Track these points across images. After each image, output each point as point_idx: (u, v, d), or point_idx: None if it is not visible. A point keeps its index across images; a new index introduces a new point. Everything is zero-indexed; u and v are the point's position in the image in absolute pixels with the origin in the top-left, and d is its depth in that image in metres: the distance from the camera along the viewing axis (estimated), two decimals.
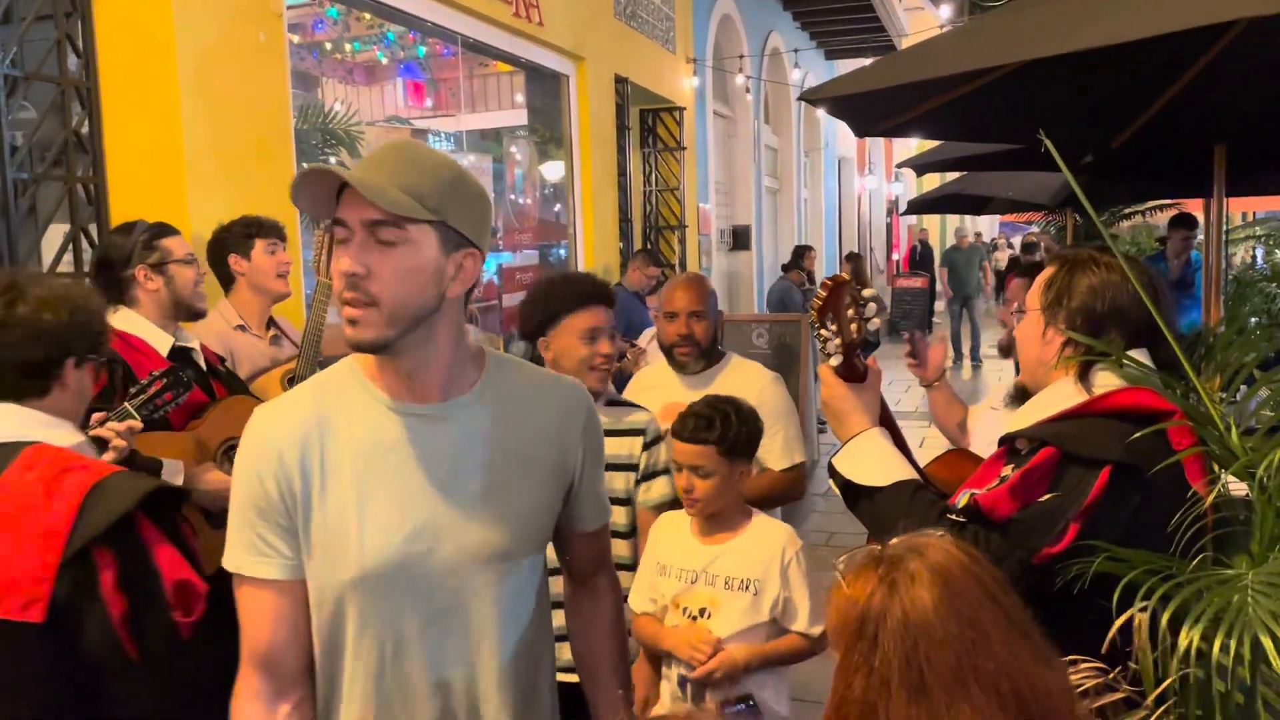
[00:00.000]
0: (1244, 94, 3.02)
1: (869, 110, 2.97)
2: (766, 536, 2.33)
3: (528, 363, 1.67)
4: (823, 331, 1.64)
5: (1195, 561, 1.23)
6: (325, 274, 3.26)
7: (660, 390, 2.91)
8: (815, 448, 8.45)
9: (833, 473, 1.73)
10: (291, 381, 3.15)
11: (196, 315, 2.79)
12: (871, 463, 1.68)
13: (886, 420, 1.77)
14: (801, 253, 10.20)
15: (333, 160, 4.59)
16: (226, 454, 2.72)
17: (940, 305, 15.68)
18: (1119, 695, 1.05)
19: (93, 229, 3.44)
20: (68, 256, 3.39)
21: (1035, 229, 13.83)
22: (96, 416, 2.27)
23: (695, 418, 2.31)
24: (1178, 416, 1.50)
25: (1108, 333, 1.65)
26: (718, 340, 2.99)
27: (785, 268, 10.04)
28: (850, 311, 1.61)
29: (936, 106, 2.93)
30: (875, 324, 1.60)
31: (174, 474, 2.45)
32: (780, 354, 8.19)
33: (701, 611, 2.27)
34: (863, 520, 1.72)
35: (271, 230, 3.25)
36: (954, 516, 1.54)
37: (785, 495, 2.92)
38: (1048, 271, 1.75)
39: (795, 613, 2.27)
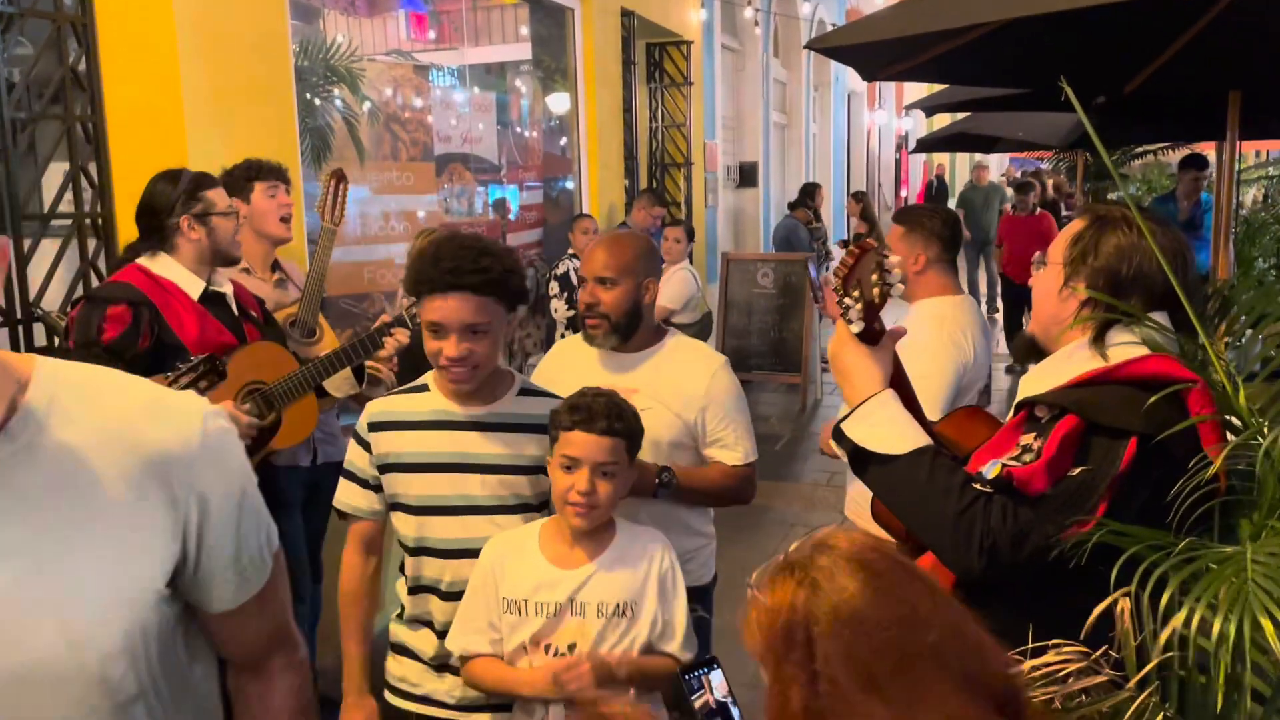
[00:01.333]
0: (1258, 41, 2.96)
1: (876, 55, 2.92)
2: (637, 547, 2.00)
3: (134, 382, 1.15)
4: (847, 300, 1.57)
5: (1185, 542, 1.22)
6: (330, 219, 3.27)
7: (575, 372, 2.41)
8: (819, 386, 8.48)
9: (840, 438, 1.64)
10: (293, 325, 3.16)
11: (233, 262, 2.86)
12: (885, 428, 1.59)
13: (900, 380, 1.69)
14: (810, 191, 10.12)
15: (335, 98, 4.53)
16: (247, 396, 2.76)
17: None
18: (1101, 678, 1.05)
19: (92, 168, 3.41)
20: (68, 196, 3.37)
21: (1046, 165, 13.66)
22: None
23: (601, 403, 1.94)
24: (1199, 386, 1.47)
25: (1129, 297, 1.61)
26: (645, 315, 2.46)
27: (792, 206, 9.97)
28: (875, 277, 1.55)
29: (945, 51, 2.88)
30: (900, 288, 1.55)
31: None
32: (785, 293, 8.17)
33: (570, 648, 1.94)
34: (873, 488, 1.65)
35: (271, 173, 3.25)
36: (980, 486, 1.50)
37: (736, 495, 2.50)
38: (1076, 225, 1.70)
39: (672, 633, 1.97)
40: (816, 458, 6.99)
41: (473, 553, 2.04)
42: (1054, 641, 1.07)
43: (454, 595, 2.08)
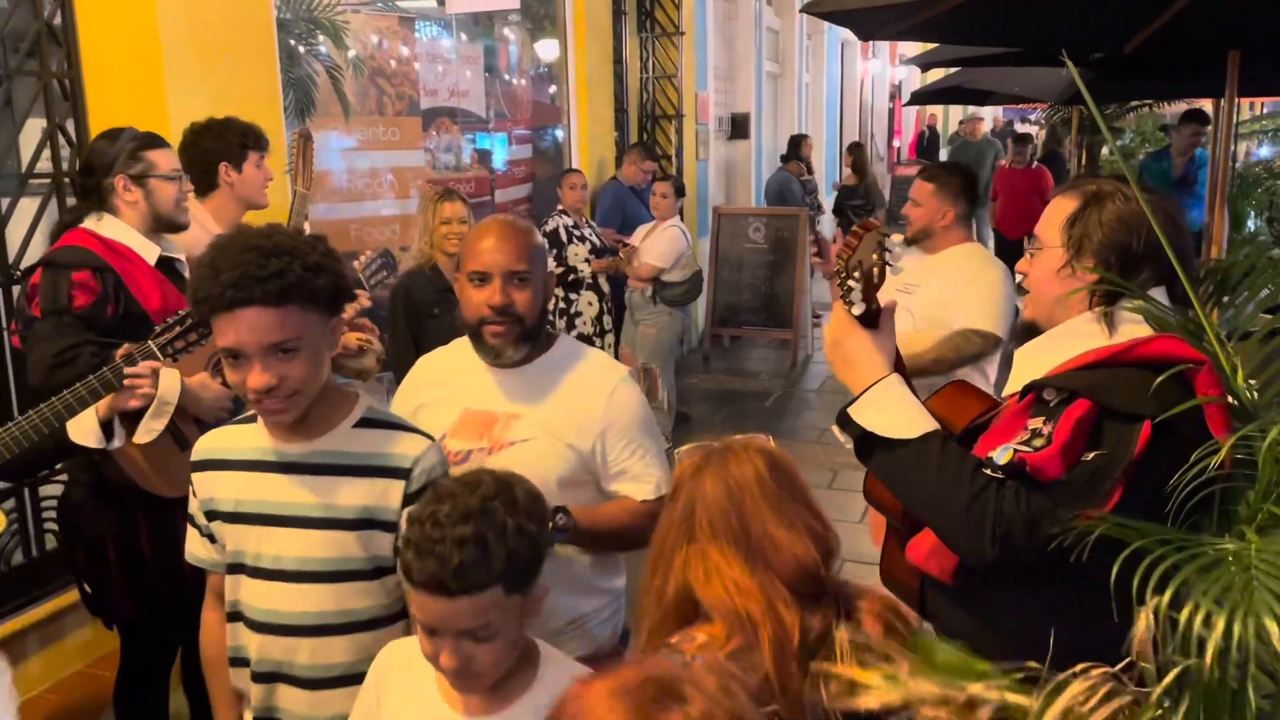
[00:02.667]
0: (1257, 1, 2.91)
1: (872, 15, 2.86)
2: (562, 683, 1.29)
3: None
4: (850, 282, 1.55)
5: (1188, 537, 1.20)
6: (301, 182, 3.18)
7: (454, 389, 2.05)
8: (810, 342, 8.46)
9: (846, 423, 1.61)
10: None
11: (178, 229, 2.71)
12: (892, 412, 1.57)
13: (898, 363, 1.67)
14: (798, 142, 10.00)
15: (319, 50, 4.43)
16: (216, 366, 2.71)
17: None
18: (1128, 698, 1.03)
19: (70, 125, 3.35)
20: (46, 154, 3.30)
21: (1040, 115, 13.48)
22: (120, 351, 2.24)
23: (454, 547, 1.38)
24: (1207, 367, 1.45)
25: (1140, 270, 1.58)
26: (548, 313, 2.11)
27: (784, 158, 9.87)
28: (875, 256, 1.53)
29: (944, 10, 2.82)
30: (901, 267, 1.54)
31: (172, 388, 2.45)
32: (777, 249, 8.13)
33: None
34: (879, 473, 1.63)
35: (257, 141, 3.13)
36: (990, 472, 1.47)
37: (644, 536, 1.68)
38: (1068, 205, 1.65)
39: None
40: (807, 414, 7.00)
41: (283, 629, 1.69)
42: (1082, 666, 1.05)
43: (263, 677, 1.73)
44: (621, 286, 6.17)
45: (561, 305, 5.90)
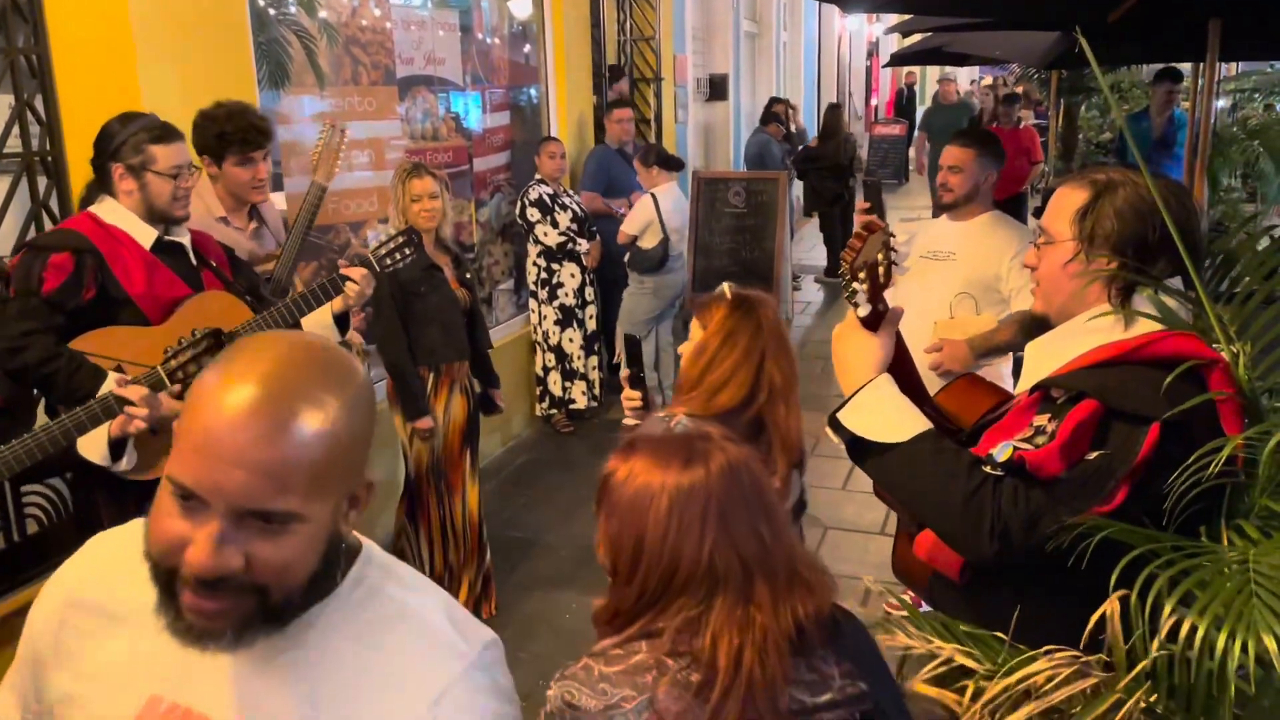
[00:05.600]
0: None
1: None
2: None
3: None
4: (855, 285, 1.52)
5: (1184, 543, 1.20)
6: (323, 174, 3.15)
7: (130, 638, 1.06)
8: (789, 306, 8.47)
9: (837, 427, 1.60)
10: (267, 282, 3.06)
11: (175, 222, 2.69)
12: (881, 415, 1.54)
13: (903, 362, 1.64)
14: (773, 104, 9.95)
15: (292, 19, 4.34)
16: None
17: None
18: (1091, 681, 1.05)
19: (39, 103, 3.26)
20: (15, 133, 3.22)
21: (1015, 69, 13.36)
22: (118, 378, 2.23)
23: None
24: (1221, 365, 1.42)
25: (1157, 261, 1.55)
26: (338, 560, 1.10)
27: (763, 120, 9.81)
28: (881, 256, 1.50)
29: None
30: (907, 266, 1.51)
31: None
32: (757, 213, 8.09)
33: None
34: (873, 477, 1.61)
35: (248, 144, 3.05)
36: (990, 470, 1.45)
37: None
38: (1077, 196, 1.60)
39: None
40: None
41: None
42: (1046, 648, 1.06)
43: None
44: (614, 260, 6.23)
45: (544, 276, 5.86)
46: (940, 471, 1.48)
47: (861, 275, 1.52)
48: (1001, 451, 1.46)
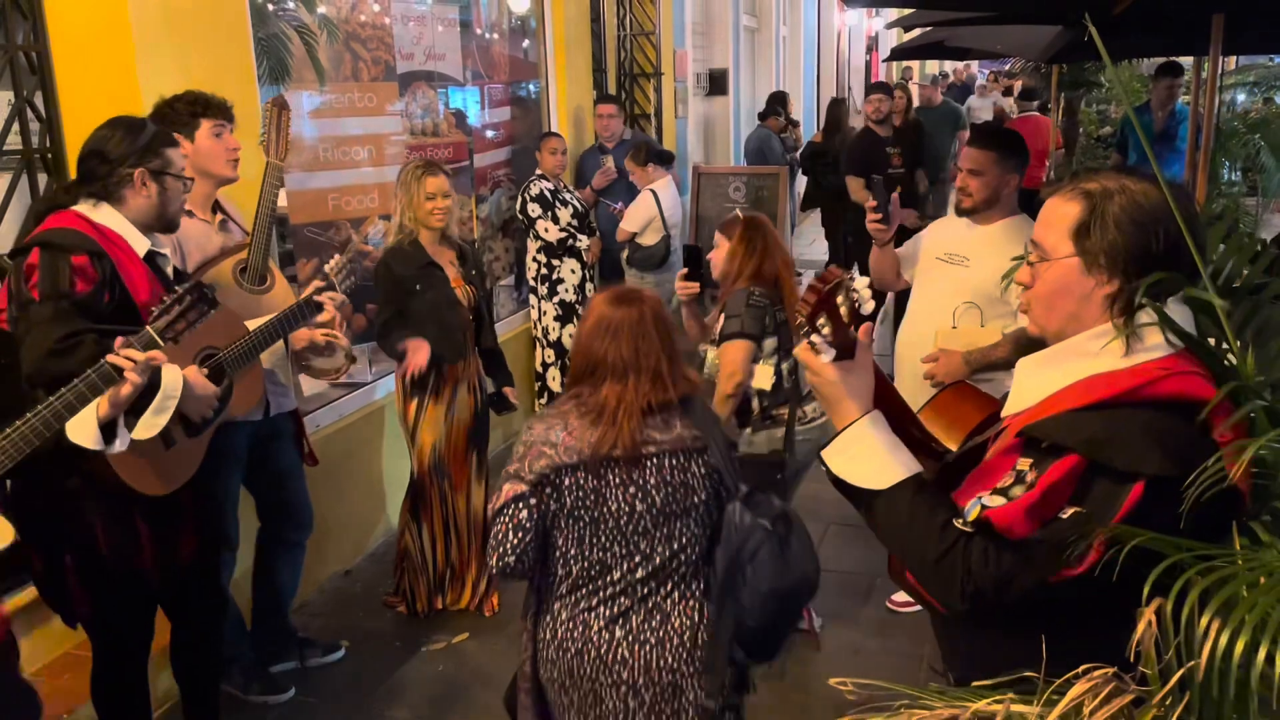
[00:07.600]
0: None
1: None
2: None
3: None
4: (814, 338, 1.45)
5: (1215, 550, 1.16)
6: (275, 154, 3.09)
7: None
8: None
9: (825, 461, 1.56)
10: (243, 272, 3.05)
11: (171, 229, 2.68)
12: (862, 462, 1.50)
13: (882, 388, 1.57)
14: (775, 99, 9.92)
15: (291, 15, 4.32)
16: (203, 363, 2.67)
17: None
18: (1129, 697, 1.02)
19: (39, 100, 3.25)
20: (15, 129, 3.21)
21: (1016, 62, 13.32)
22: (118, 341, 2.16)
23: None
24: (1225, 407, 1.33)
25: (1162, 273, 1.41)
26: None
27: (762, 115, 9.78)
28: (840, 299, 1.42)
29: None
30: (869, 307, 1.44)
31: (175, 383, 2.40)
32: (757, 208, 8.07)
33: None
34: (857, 509, 1.55)
35: (218, 110, 3.04)
36: (960, 525, 1.40)
37: None
38: (1069, 209, 1.47)
39: None
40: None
41: None
42: (1084, 667, 1.04)
43: None
44: (613, 256, 6.23)
45: (544, 272, 5.85)
46: (916, 527, 1.43)
47: (821, 322, 1.44)
48: (971, 509, 1.40)
